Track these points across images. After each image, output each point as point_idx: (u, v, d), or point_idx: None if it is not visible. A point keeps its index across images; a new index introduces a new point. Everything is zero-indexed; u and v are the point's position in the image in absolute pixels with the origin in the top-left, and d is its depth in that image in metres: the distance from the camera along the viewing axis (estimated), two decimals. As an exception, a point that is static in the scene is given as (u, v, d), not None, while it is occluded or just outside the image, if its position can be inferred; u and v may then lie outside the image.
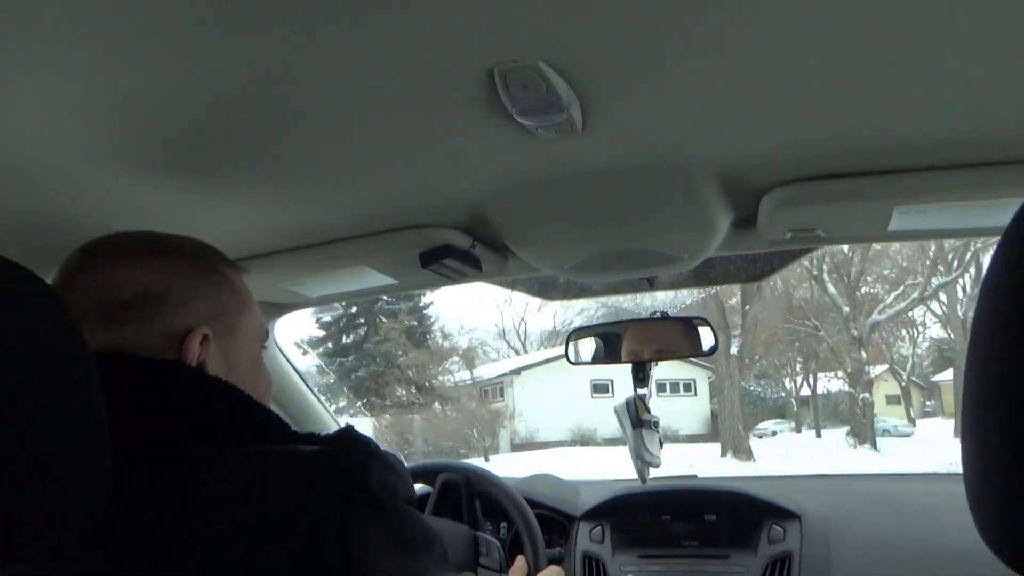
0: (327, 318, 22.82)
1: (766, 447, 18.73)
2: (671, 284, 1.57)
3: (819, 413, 25.69)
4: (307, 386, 1.74)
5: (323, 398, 1.78)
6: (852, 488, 1.85)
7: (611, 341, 1.75)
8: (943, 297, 22.25)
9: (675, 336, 1.67)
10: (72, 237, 0.85)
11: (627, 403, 1.65)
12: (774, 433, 25.22)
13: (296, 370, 1.71)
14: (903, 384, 27.43)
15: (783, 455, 17.03)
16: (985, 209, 1.07)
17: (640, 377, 1.64)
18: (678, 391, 25.01)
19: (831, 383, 25.27)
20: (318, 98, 0.80)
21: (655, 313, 1.61)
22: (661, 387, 24.52)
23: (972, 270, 18.54)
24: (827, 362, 23.15)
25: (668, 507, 1.61)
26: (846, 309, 18.31)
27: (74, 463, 0.51)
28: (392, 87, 0.78)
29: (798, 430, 25.93)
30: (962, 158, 1.00)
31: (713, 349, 1.59)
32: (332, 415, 1.79)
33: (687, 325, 1.68)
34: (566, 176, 1.05)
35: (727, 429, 17.39)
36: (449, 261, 1.25)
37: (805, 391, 26.48)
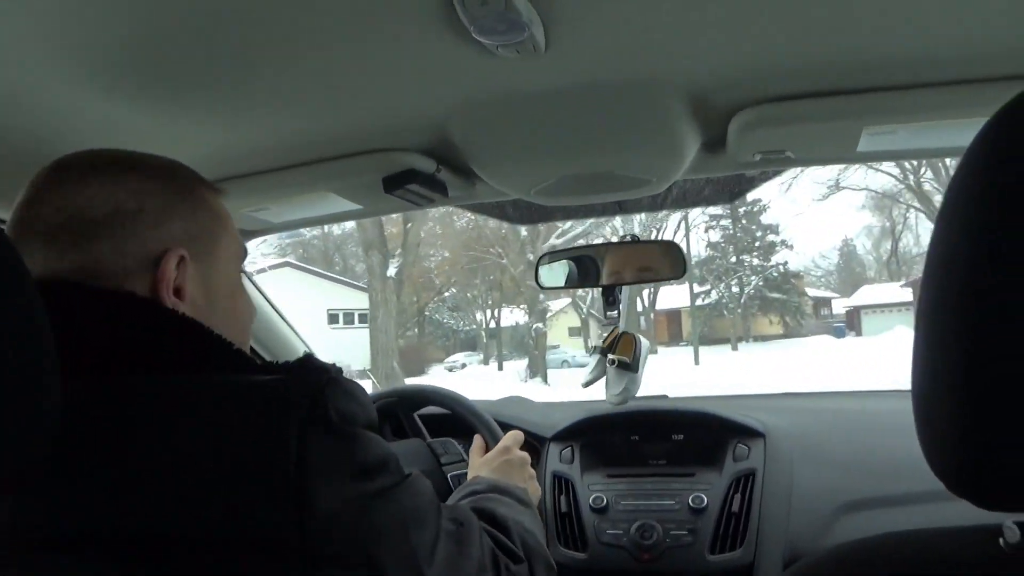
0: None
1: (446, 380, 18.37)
2: (642, 207, 1.55)
3: (501, 345, 26.40)
4: (279, 314, 1.73)
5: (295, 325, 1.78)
6: (821, 405, 1.89)
7: (586, 264, 1.74)
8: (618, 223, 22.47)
9: (654, 258, 1.67)
10: (35, 155, 0.83)
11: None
12: (463, 365, 26.30)
13: (266, 298, 1.70)
14: (583, 316, 28.79)
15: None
16: (952, 129, 1.05)
17: (611, 301, 1.64)
18: (352, 322, 24.42)
19: (517, 315, 25.86)
20: (273, 15, 0.77)
21: (625, 237, 1.60)
22: (334, 318, 24.32)
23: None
24: (511, 294, 23.04)
25: (637, 427, 1.64)
26: (524, 233, 17.18)
27: (21, 390, 0.51)
28: (347, 2, 0.76)
29: (486, 362, 27.07)
30: (929, 77, 0.98)
31: (684, 271, 1.59)
32: (304, 342, 1.79)
33: (663, 248, 1.67)
34: (530, 97, 1.02)
35: (379, 365, 14.96)
36: (413, 186, 1.23)
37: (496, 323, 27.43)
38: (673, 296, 35.08)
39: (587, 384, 1.74)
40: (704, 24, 0.85)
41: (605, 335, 1.70)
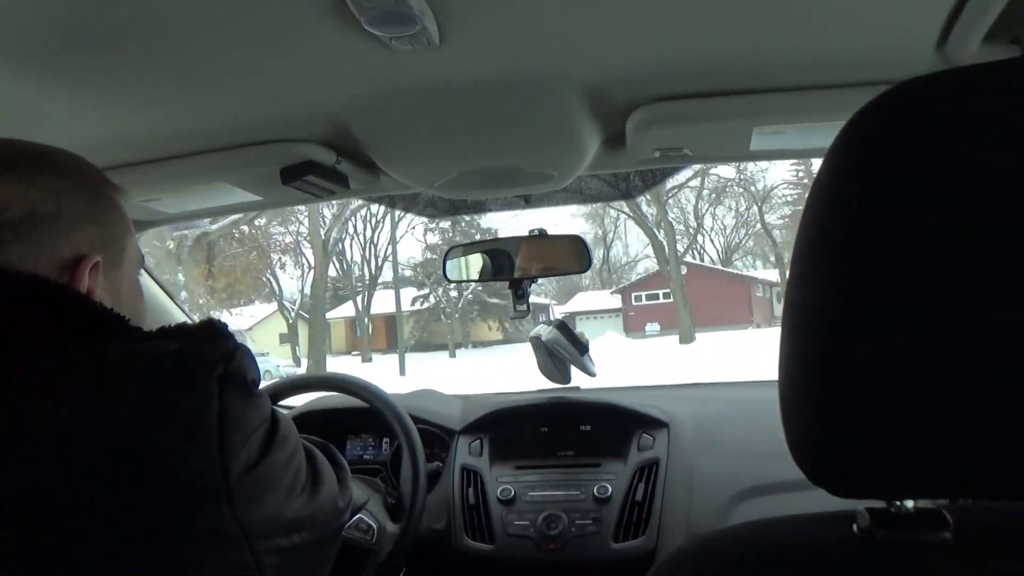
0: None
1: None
2: (547, 201, 1.57)
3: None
4: (164, 290, 1.67)
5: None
6: (721, 395, 1.95)
7: (499, 258, 1.74)
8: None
9: (561, 253, 1.68)
10: None
11: (559, 329, 1.69)
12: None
13: (158, 282, 1.63)
14: (290, 321, 28.48)
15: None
16: (834, 131, 1.10)
17: (519, 295, 1.65)
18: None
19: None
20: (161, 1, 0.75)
21: (533, 231, 1.61)
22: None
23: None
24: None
25: (546, 419, 1.66)
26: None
27: None
28: None
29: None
30: (812, 80, 1.02)
31: (589, 264, 1.61)
32: (189, 315, 1.74)
33: (570, 242, 1.69)
34: (427, 90, 1.02)
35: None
36: (312, 178, 1.20)
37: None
38: (392, 299, 33.15)
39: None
40: (598, 23, 0.87)
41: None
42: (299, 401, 1.77)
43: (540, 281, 1.68)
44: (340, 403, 1.69)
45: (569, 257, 1.65)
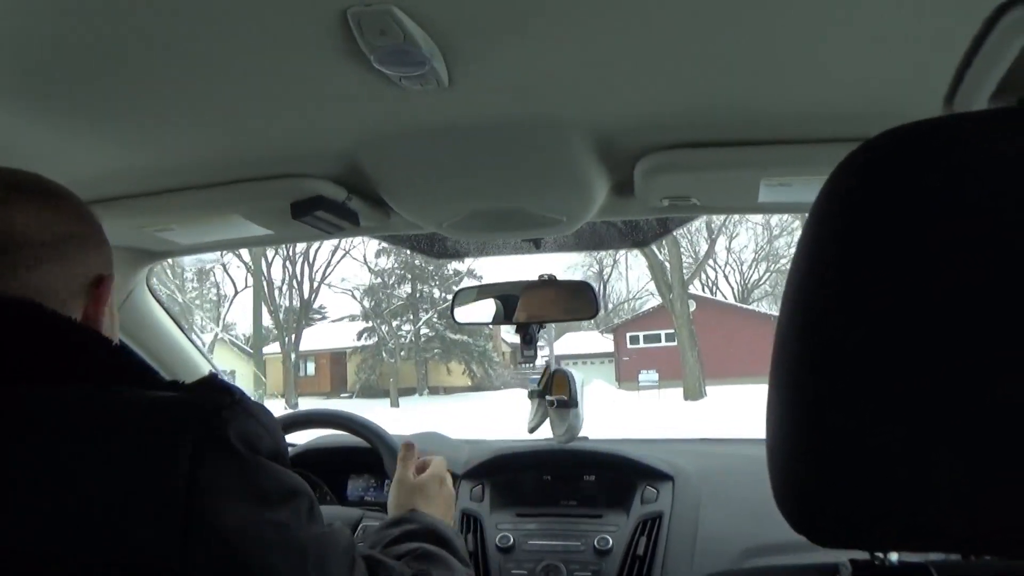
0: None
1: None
2: (557, 247, 1.57)
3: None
4: (184, 333, 1.68)
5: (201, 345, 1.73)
6: (730, 451, 1.92)
7: (510, 303, 1.75)
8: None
9: (569, 298, 1.68)
10: None
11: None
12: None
13: (172, 317, 1.65)
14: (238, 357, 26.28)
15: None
16: None
17: (527, 340, 1.64)
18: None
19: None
20: (177, 29, 0.77)
21: (543, 276, 1.61)
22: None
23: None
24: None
25: (549, 467, 1.63)
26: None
27: None
28: (248, 22, 0.76)
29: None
30: (823, 133, 1.02)
31: (597, 312, 1.61)
32: (211, 362, 1.74)
33: (578, 288, 1.69)
34: (436, 130, 1.03)
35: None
36: (322, 213, 1.21)
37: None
38: (340, 334, 28.68)
39: (532, 429, 1.74)
40: (606, 70, 0.88)
41: (540, 377, 1.71)
42: (298, 439, 1.76)
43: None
44: (341, 442, 1.68)
45: (577, 303, 1.65)
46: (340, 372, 29.21)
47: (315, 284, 28.87)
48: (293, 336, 27.62)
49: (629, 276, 34.58)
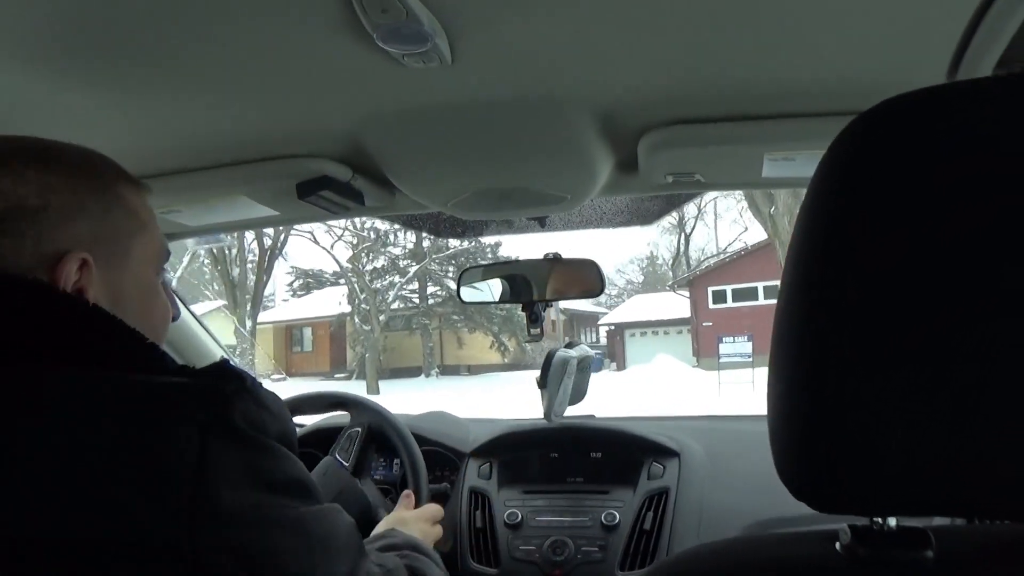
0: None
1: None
2: (563, 225, 1.58)
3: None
4: (196, 319, 1.70)
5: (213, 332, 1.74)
6: (742, 428, 1.92)
7: (518, 281, 1.75)
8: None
9: (576, 277, 1.69)
10: None
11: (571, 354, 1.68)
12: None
13: (182, 301, 1.66)
14: (244, 327, 21.36)
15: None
16: None
17: (533, 319, 1.65)
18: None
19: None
20: (179, 8, 0.77)
21: (548, 254, 1.62)
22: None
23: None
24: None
25: (556, 445, 1.65)
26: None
27: None
28: (251, 1, 0.76)
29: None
30: (826, 107, 1.02)
31: (602, 287, 1.61)
32: (224, 348, 1.76)
33: (585, 266, 1.69)
34: (440, 108, 1.03)
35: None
36: (327, 193, 1.22)
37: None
38: (327, 299, 23.58)
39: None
40: (608, 46, 0.88)
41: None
42: (306, 420, 1.77)
43: (616, 292, 1.66)
44: (338, 422, 1.70)
45: (584, 281, 1.66)
46: (341, 347, 24.23)
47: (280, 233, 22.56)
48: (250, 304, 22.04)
49: (718, 227, 28.00)
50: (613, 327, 24.49)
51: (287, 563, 0.61)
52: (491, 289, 1.77)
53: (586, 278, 1.64)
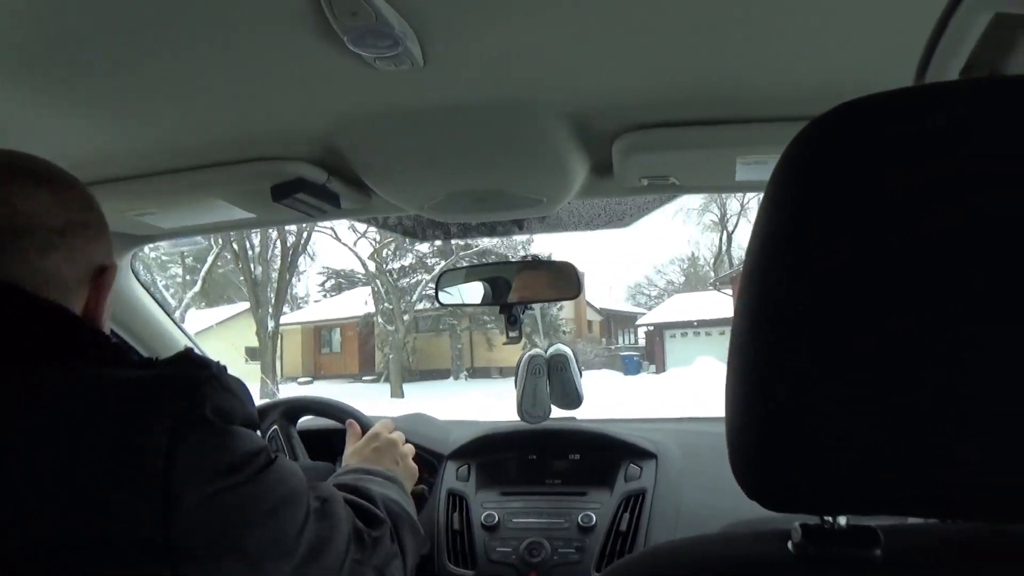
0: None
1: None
2: (542, 228, 1.58)
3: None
4: (165, 312, 1.69)
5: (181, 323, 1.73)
6: (715, 429, 1.93)
7: (499, 284, 1.75)
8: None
9: (554, 279, 1.69)
10: None
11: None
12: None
13: (153, 296, 1.65)
14: (266, 330, 19.47)
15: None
16: None
17: (512, 321, 1.66)
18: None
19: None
20: (151, 11, 0.77)
21: (526, 257, 1.62)
22: None
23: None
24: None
25: (534, 447, 1.65)
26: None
27: None
28: (222, 3, 0.76)
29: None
30: (797, 112, 1.03)
31: (579, 290, 1.62)
32: (192, 339, 1.75)
33: (562, 268, 1.70)
34: (413, 111, 1.04)
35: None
36: (303, 196, 1.22)
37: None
38: (353, 300, 22.65)
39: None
40: (579, 49, 0.88)
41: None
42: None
43: (656, 293, 1.67)
44: (331, 425, 1.70)
45: (562, 283, 1.66)
46: (370, 348, 23.10)
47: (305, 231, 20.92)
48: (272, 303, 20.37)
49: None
50: (652, 327, 23.55)
51: (258, 533, 0.64)
52: (470, 291, 1.77)
53: (565, 279, 1.64)
